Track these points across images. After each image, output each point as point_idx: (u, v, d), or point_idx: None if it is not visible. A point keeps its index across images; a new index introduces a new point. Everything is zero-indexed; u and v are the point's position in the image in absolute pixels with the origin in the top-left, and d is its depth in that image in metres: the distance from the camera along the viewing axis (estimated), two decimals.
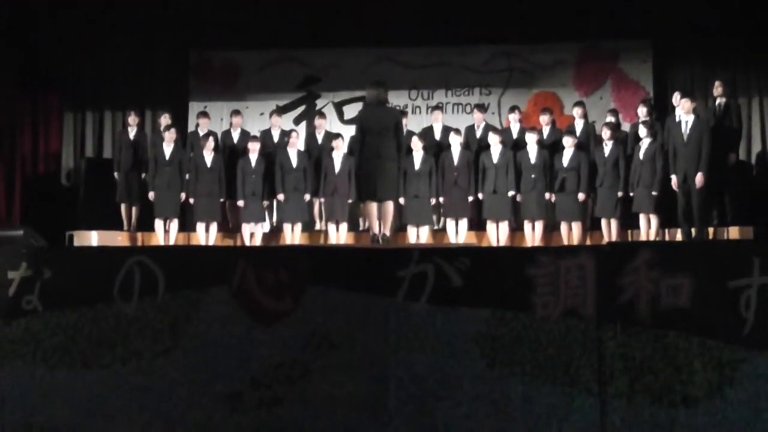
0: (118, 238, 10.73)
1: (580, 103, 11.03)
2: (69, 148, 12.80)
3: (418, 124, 11.51)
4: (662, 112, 10.86)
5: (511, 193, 10.19)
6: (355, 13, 11.87)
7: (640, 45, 11.93)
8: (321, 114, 11.51)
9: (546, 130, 10.72)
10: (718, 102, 10.29)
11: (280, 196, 10.42)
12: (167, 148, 10.56)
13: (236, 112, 11.38)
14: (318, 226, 10.93)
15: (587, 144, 10.50)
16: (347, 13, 11.91)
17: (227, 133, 11.26)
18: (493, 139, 10.30)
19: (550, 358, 5.03)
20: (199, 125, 11.16)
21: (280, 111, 11.72)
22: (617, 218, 9.92)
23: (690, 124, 9.39)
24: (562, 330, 5.04)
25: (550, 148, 10.39)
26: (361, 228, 10.72)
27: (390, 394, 5.11)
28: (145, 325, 5.39)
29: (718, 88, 10.30)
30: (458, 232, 10.27)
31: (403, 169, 9.81)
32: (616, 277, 5.04)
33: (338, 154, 10.40)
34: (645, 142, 9.81)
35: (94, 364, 5.41)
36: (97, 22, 12.08)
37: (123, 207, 11.07)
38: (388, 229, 8.42)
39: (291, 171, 10.41)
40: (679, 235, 9.52)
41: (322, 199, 10.54)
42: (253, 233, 10.51)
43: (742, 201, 10.08)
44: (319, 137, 11.00)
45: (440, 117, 11.17)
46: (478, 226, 10.49)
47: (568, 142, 10.12)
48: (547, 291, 5.08)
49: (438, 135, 10.92)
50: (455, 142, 10.39)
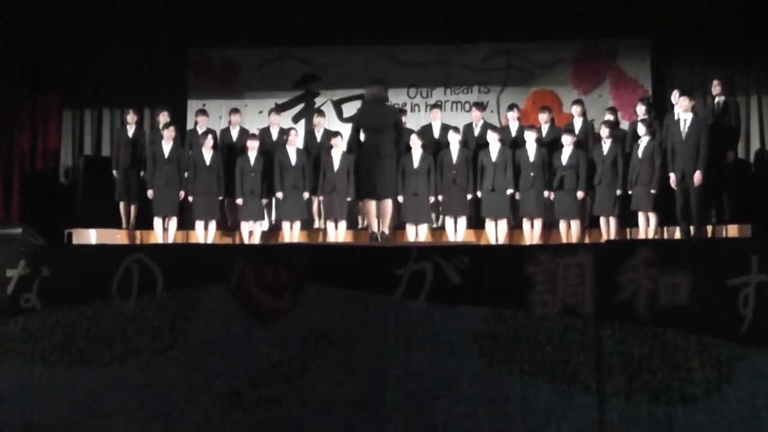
0: (117, 236, 10.73)
1: (578, 102, 11.05)
2: (68, 146, 12.79)
3: (417, 122, 11.52)
4: (661, 111, 10.88)
5: (510, 192, 10.19)
6: (354, 12, 11.88)
7: (639, 43, 11.93)
8: (320, 112, 11.51)
9: (545, 129, 10.72)
10: (716, 100, 10.31)
11: (279, 195, 10.42)
12: (166, 146, 10.55)
13: (235, 110, 11.38)
14: (317, 225, 10.94)
15: (586, 142, 10.51)
16: (346, 11, 11.92)
17: (226, 131, 11.26)
18: (492, 138, 10.30)
19: (549, 356, 5.03)
20: (198, 123, 11.17)
21: (279, 109, 11.72)
22: (616, 216, 9.93)
23: (688, 123, 9.40)
24: (561, 328, 5.04)
25: (549, 146, 10.40)
26: (359, 226, 10.74)
27: (388, 393, 5.11)
28: (144, 323, 5.38)
29: (716, 87, 10.33)
30: (457, 231, 10.27)
31: (402, 167, 9.84)
32: (615, 275, 5.04)
33: (337, 152, 10.40)
34: (643, 141, 9.81)
35: (93, 363, 5.40)
36: (96, 21, 12.09)
37: (122, 205, 11.07)
38: (386, 227, 8.44)
39: (290, 169, 10.41)
40: (677, 233, 9.52)
41: (321, 198, 10.54)
42: (251, 231, 10.51)
43: (740, 199, 10.10)
44: (318, 135, 11.00)
45: (439, 115, 11.17)
46: (476, 224, 10.50)
47: (567, 140, 10.13)
48: (546, 289, 5.08)
49: (437, 133, 10.93)
50: (454, 141, 10.39)
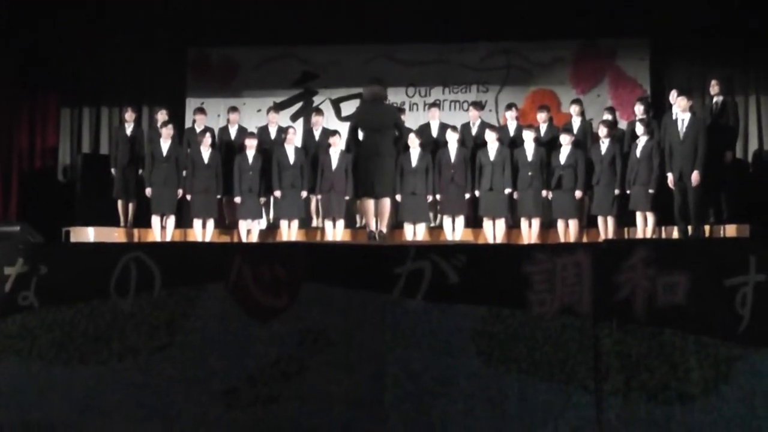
0: (115, 234, 10.72)
1: (577, 101, 11.05)
2: (66, 144, 12.80)
3: (416, 121, 11.50)
4: (659, 110, 10.89)
5: (508, 191, 10.19)
6: (353, 10, 11.88)
7: (638, 43, 11.92)
8: (318, 111, 11.51)
9: (543, 128, 10.72)
10: (714, 100, 10.32)
11: (277, 193, 10.42)
12: (164, 145, 10.56)
13: (233, 109, 11.38)
14: (315, 223, 10.94)
15: (584, 141, 10.51)
16: (345, 9, 11.92)
17: (224, 130, 11.26)
18: (490, 137, 10.30)
19: (547, 356, 5.03)
20: (196, 121, 11.17)
21: (278, 108, 11.73)
22: (614, 216, 9.93)
23: (686, 122, 9.40)
24: (559, 327, 5.04)
25: (547, 145, 10.40)
26: (357, 225, 10.74)
27: (386, 391, 5.11)
28: (142, 321, 5.38)
29: (714, 87, 10.34)
30: (455, 230, 10.27)
31: (400, 166, 9.83)
32: (613, 275, 5.04)
33: (335, 150, 10.40)
34: (642, 140, 9.81)
35: (91, 361, 5.41)
36: (95, 19, 12.08)
37: (120, 203, 11.07)
38: (384, 226, 8.43)
39: (288, 168, 10.40)
40: (675, 233, 9.52)
41: (319, 196, 10.54)
42: (249, 230, 10.51)
43: (738, 199, 10.10)
44: (317, 134, 11.00)
45: (437, 114, 11.17)
46: (474, 223, 10.50)
47: (565, 139, 10.13)
48: (544, 288, 5.08)
49: (435, 132, 10.92)
50: (452, 140, 10.39)
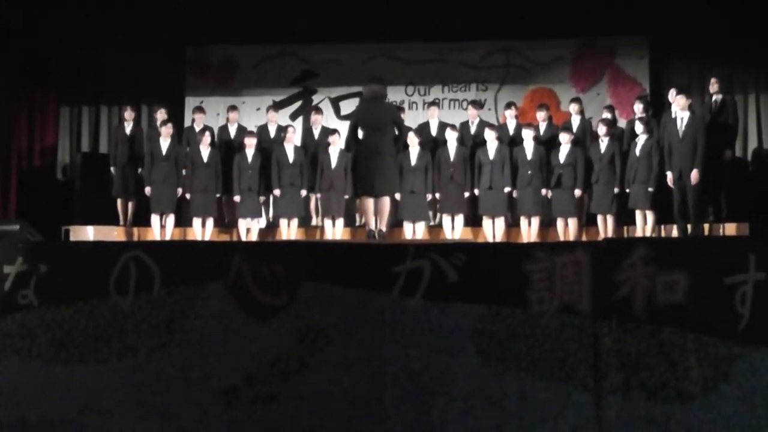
0: (114, 233, 10.72)
1: (576, 100, 11.06)
2: (65, 143, 12.81)
3: (415, 119, 11.50)
4: (659, 109, 10.89)
5: (507, 189, 10.20)
6: (352, 9, 11.87)
7: (637, 41, 11.94)
8: (317, 110, 11.52)
9: (542, 127, 10.73)
10: (714, 98, 10.32)
11: (277, 192, 10.42)
12: (164, 143, 10.56)
13: (233, 108, 11.38)
14: (314, 222, 10.94)
15: (584, 140, 10.51)
16: (344, 8, 11.91)
17: (224, 129, 11.26)
18: (490, 135, 10.30)
19: (546, 354, 5.02)
20: (195, 120, 11.18)
21: (277, 106, 11.74)
22: (613, 214, 9.93)
23: (685, 121, 9.40)
24: (558, 326, 5.03)
25: (547, 144, 10.40)
26: (357, 223, 10.74)
27: (386, 390, 5.10)
28: (141, 320, 5.38)
29: (714, 85, 10.34)
30: (454, 228, 10.27)
31: (399, 165, 9.83)
32: (612, 273, 5.04)
33: (334, 149, 10.40)
34: (641, 139, 9.82)
35: (90, 359, 5.40)
36: (94, 17, 12.06)
37: (119, 202, 11.08)
38: (384, 225, 8.43)
39: (287, 166, 10.40)
40: (675, 232, 9.53)
41: (319, 195, 10.54)
42: (249, 228, 10.52)
43: (737, 197, 10.11)
44: (316, 133, 11.00)
45: (437, 113, 11.17)
46: (474, 222, 10.50)
47: (565, 138, 10.13)
48: (543, 287, 5.08)
49: (434, 131, 10.92)
50: (451, 138, 10.39)
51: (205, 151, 10.49)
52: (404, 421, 5.07)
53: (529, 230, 10.14)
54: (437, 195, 10.39)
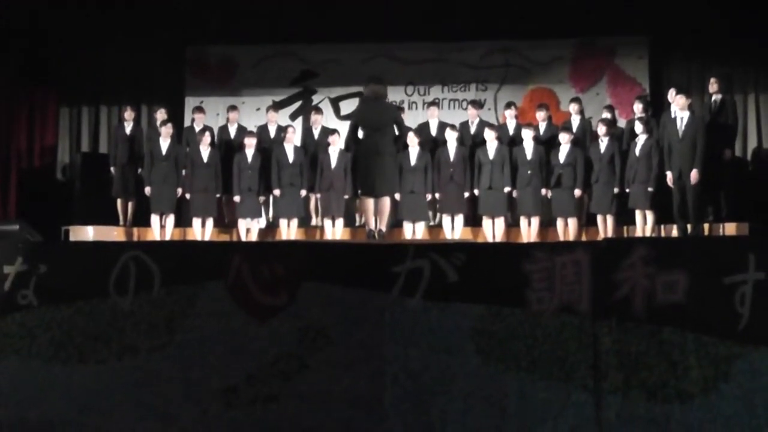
0: (114, 233, 10.72)
1: (576, 100, 11.06)
2: (65, 143, 12.80)
3: (414, 119, 11.49)
4: (658, 109, 10.89)
5: (507, 189, 10.19)
6: (351, 8, 11.86)
7: (637, 41, 11.94)
8: (317, 109, 11.52)
9: (542, 126, 10.72)
10: (713, 98, 10.31)
11: (277, 192, 10.42)
12: (163, 143, 10.56)
13: (233, 108, 11.38)
14: (314, 222, 10.94)
15: (583, 140, 10.51)
16: (344, 8, 11.91)
17: (224, 129, 11.26)
18: (490, 135, 10.30)
19: (546, 354, 5.02)
20: (195, 120, 11.18)
21: (277, 106, 11.74)
22: (613, 214, 9.93)
23: (685, 121, 9.40)
24: (558, 326, 5.04)
25: (546, 144, 10.40)
26: (357, 223, 10.74)
27: (386, 390, 5.10)
28: (141, 320, 5.38)
29: (713, 85, 10.33)
30: (454, 228, 10.27)
31: (399, 165, 9.82)
32: (612, 273, 5.04)
33: (334, 149, 10.40)
34: (641, 139, 9.82)
35: (90, 359, 5.40)
36: (94, 17, 12.05)
37: (119, 202, 11.07)
38: (384, 225, 8.43)
39: (287, 166, 10.40)
40: (674, 231, 9.53)
41: (318, 195, 10.54)
42: (249, 228, 10.51)
43: (737, 197, 10.10)
44: (316, 133, 11.00)
45: (436, 113, 11.16)
46: (473, 221, 10.50)
47: (564, 138, 10.13)
48: (543, 287, 5.08)
49: (434, 131, 10.91)
50: (451, 138, 10.39)
51: (205, 151, 10.49)
52: (404, 421, 5.07)
53: (529, 230, 10.14)
54: (437, 195, 10.39)
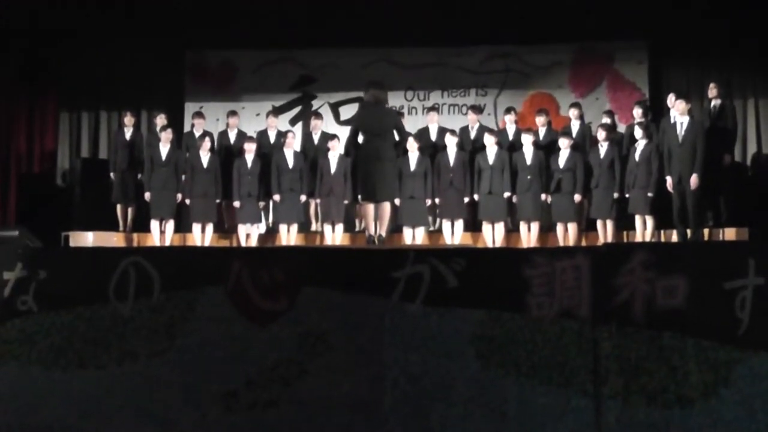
0: (114, 239, 10.73)
1: (576, 105, 11.07)
2: (65, 149, 12.82)
3: (414, 125, 11.50)
4: (658, 114, 10.89)
5: (507, 194, 10.20)
6: (351, 14, 11.89)
7: (636, 46, 11.96)
8: (317, 115, 11.52)
9: (542, 132, 10.73)
10: (713, 103, 10.32)
11: (276, 197, 10.42)
12: (163, 149, 10.56)
13: (233, 113, 11.40)
14: (314, 227, 10.94)
15: (583, 145, 10.52)
16: (344, 13, 11.93)
17: (224, 134, 11.27)
18: (489, 141, 10.30)
19: (546, 359, 5.02)
20: (195, 126, 11.18)
21: (276, 112, 11.74)
22: (613, 219, 9.94)
23: (685, 126, 9.41)
24: (558, 331, 5.03)
25: (546, 149, 10.41)
26: (356, 229, 10.74)
27: (386, 395, 5.10)
28: (141, 325, 5.37)
29: (713, 90, 10.35)
30: (454, 233, 10.27)
31: (399, 170, 9.83)
32: (612, 278, 5.03)
33: (334, 154, 10.41)
34: (641, 144, 9.83)
35: (90, 365, 5.39)
36: (94, 22, 12.07)
37: (119, 207, 11.08)
38: (384, 230, 8.43)
39: (287, 172, 10.41)
40: (674, 237, 9.53)
41: (318, 200, 10.54)
42: (248, 234, 10.51)
43: (737, 202, 10.10)
44: (315, 138, 11.00)
45: (436, 118, 11.17)
46: (473, 227, 10.50)
47: (564, 143, 10.14)
48: (543, 292, 5.07)
49: (434, 136, 10.91)
50: (451, 143, 10.39)
51: (205, 157, 10.50)
52: (404, 426, 5.07)
53: (529, 235, 10.14)
54: (437, 200, 10.39)
